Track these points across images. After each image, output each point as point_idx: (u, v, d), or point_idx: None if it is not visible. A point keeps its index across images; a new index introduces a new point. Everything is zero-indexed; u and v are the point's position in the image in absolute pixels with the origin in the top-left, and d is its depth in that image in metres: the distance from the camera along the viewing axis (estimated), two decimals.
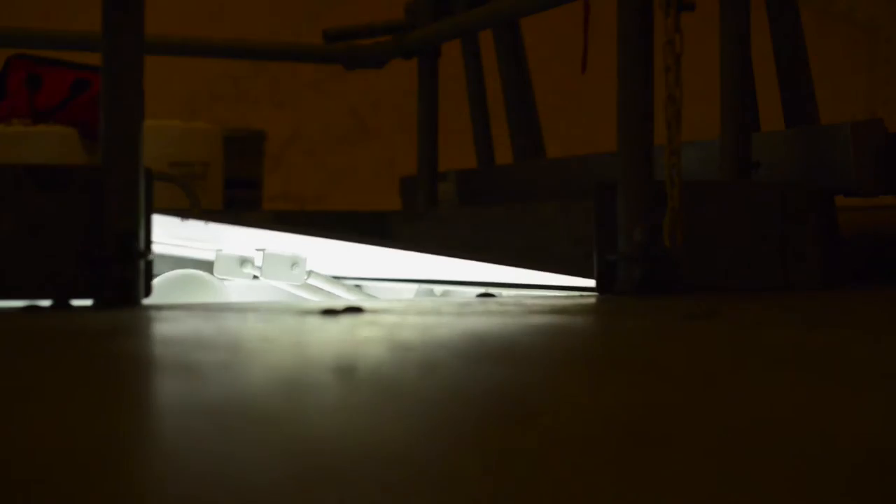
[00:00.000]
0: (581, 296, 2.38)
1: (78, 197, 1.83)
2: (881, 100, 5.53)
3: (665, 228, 2.12)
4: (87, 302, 1.84)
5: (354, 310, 1.73)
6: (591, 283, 2.25)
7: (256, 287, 3.24)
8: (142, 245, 1.83)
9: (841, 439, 0.78)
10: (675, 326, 1.58)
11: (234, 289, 3.11)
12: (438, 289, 3.25)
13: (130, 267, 1.81)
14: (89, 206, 1.83)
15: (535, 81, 4.04)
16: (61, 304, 1.82)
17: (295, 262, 2.93)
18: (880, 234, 2.96)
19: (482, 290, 3.05)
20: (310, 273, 2.96)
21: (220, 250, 3.14)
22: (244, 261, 3.20)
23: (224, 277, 3.14)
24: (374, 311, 1.74)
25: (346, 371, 1.10)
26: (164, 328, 1.57)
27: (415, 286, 3.30)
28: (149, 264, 1.86)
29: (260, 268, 2.93)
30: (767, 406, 0.92)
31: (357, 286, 3.90)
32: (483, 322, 1.65)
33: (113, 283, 1.81)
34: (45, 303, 1.82)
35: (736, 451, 0.74)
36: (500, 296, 2.87)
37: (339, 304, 1.83)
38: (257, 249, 2.94)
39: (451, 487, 0.64)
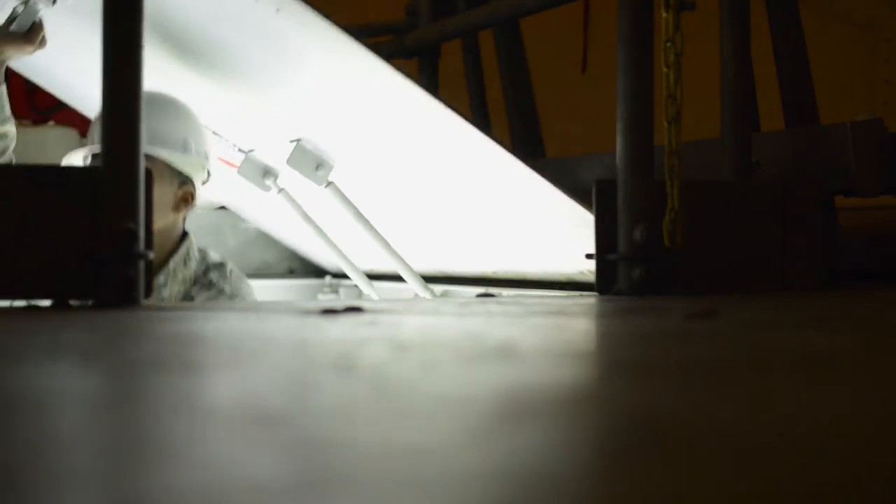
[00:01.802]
0: (581, 295, 2.38)
1: (78, 197, 1.83)
2: (881, 100, 5.53)
3: (665, 228, 2.12)
4: (87, 302, 1.84)
5: (354, 310, 1.74)
6: (591, 282, 2.25)
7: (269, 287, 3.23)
8: (142, 245, 1.83)
9: (842, 439, 0.78)
10: (676, 326, 1.58)
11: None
12: (438, 288, 3.25)
13: (130, 267, 1.81)
14: (89, 206, 1.83)
15: (535, 81, 4.04)
16: (61, 304, 1.82)
17: (321, 164, 2.92)
18: (880, 234, 2.96)
19: (482, 289, 3.05)
20: (330, 183, 2.95)
21: (252, 150, 3.12)
22: (267, 172, 3.19)
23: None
24: (374, 311, 1.74)
25: (347, 371, 1.10)
26: (165, 328, 1.57)
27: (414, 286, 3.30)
28: (149, 264, 1.86)
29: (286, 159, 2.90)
30: (768, 407, 0.92)
31: (357, 286, 3.90)
32: (483, 322, 1.65)
33: (113, 283, 1.81)
34: (45, 303, 1.82)
35: (735, 451, 0.74)
36: (500, 295, 2.87)
37: (338, 305, 1.83)
38: (291, 141, 2.92)
39: (453, 487, 0.64)
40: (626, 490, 0.64)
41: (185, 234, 2.89)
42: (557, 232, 2.60)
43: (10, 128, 2.75)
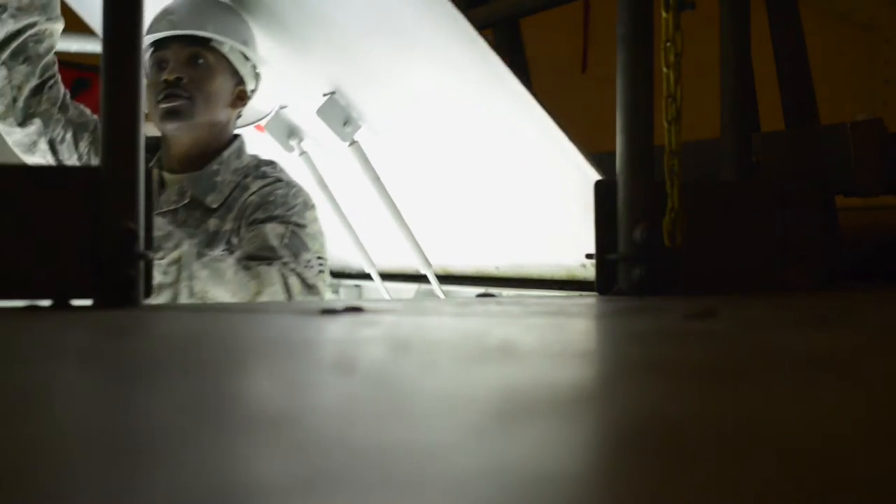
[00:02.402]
0: (581, 296, 2.38)
1: (78, 197, 1.83)
2: (881, 100, 5.53)
3: (665, 228, 2.12)
4: (88, 302, 1.84)
5: (354, 310, 1.74)
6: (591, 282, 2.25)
7: None
8: (142, 245, 1.83)
9: (839, 439, 0.78)
10: (676, 326, 1.58)
11: None
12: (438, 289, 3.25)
13: (130, 267, 1.81)
14: (89, 206, 1.83)
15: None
16: (61, 304, 1.82)
17: (349, 122, 2.95)
18: (880, 234, 2.96)
19: (482, 289, 3.05)
20: (355, 142, 2.97)
21: (286, 106, 3.16)
22: (293, 132, 3.21)
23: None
24: (374, 312, 1.74)
25: (347, 371, 1.10)
26: (164, 328, 1.57)
27: (415, 286, 3.30)
28: (149, 264, 1.86)
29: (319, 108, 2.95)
30: (769, 407, 0.92)
31: (357, 286, 3.90)
32: (483, 322, 1.65)
33: (113, 283, 1.81)
34: (45, 303, 1.82)
35: (737, 451, 0.74)
36: (500, 296, 2.87)
37: (338, 305, 1.83)
38: (325, 94, 2.95)
39: (454, 486, 0.64)
40: (654, 490, 0.64)
41: (237, 135, 2.98)
42: (565, 217, 2.60)
43: (59, 26, 2.86)
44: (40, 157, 2.90)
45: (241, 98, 2.91)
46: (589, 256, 2.22)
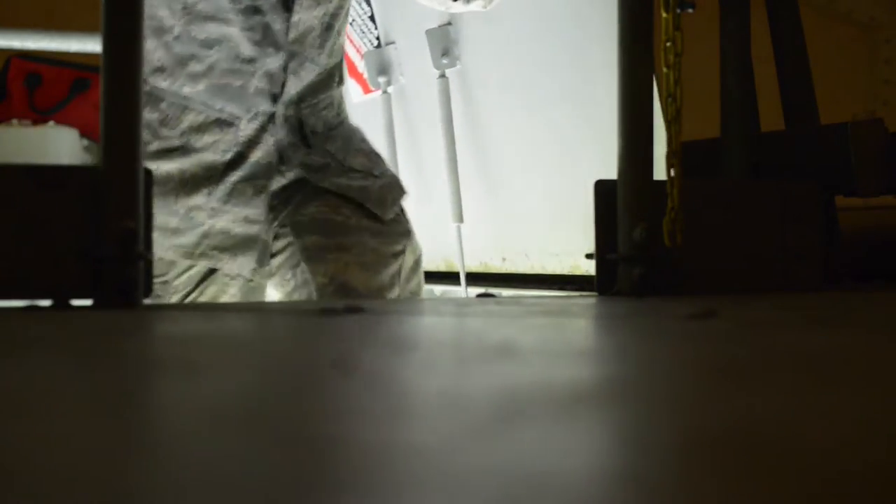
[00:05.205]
0: (580, 296, 2.38)
1: (78, 197, 1.83)
2: (881, 100, 5.53)
3: (665, 228, 2.12)
4: (88, 302, 1.84)
5: (354, 310, 1.73)
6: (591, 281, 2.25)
7: None
8: (142, 245, 1.83)
9: (839, 442, 0.78)
10: (676, 327, 1.58)
11: None
12: (438, 289, 3.25)
13: (130, 267, 1.81)
14: (89, 206, 1.83)
15: None
16: (61, 304, 1.81)
17: (448, 53, 2.95)
18: (880, 234, 2.96)
19: (482, 289, 3.05)
20: (444, 76, 2.97)
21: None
22: (384, 70, 3.22)
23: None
24: (374, 312, 1.74)
25: (346, 371, 1.10)
26: (164, 328, 1.57)
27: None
28: (149, 264, 1.86)
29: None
30: (767, 407, 0.92)
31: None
32: (483, 322, 1.65)
33: (113, 283, 1.81)
34: (45, 303, 1.82)
35: (734, 454, 0.74)
36: (500, 296, 2.87)
37: (338, 305, 1.83)
38: (442, 25, 2.96)
39: (454, 487, 0.64)
40: (657, 491, 0.64)
41: None
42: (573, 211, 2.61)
43: None
44: None
45: None
46: (589, 256, 2.22)
